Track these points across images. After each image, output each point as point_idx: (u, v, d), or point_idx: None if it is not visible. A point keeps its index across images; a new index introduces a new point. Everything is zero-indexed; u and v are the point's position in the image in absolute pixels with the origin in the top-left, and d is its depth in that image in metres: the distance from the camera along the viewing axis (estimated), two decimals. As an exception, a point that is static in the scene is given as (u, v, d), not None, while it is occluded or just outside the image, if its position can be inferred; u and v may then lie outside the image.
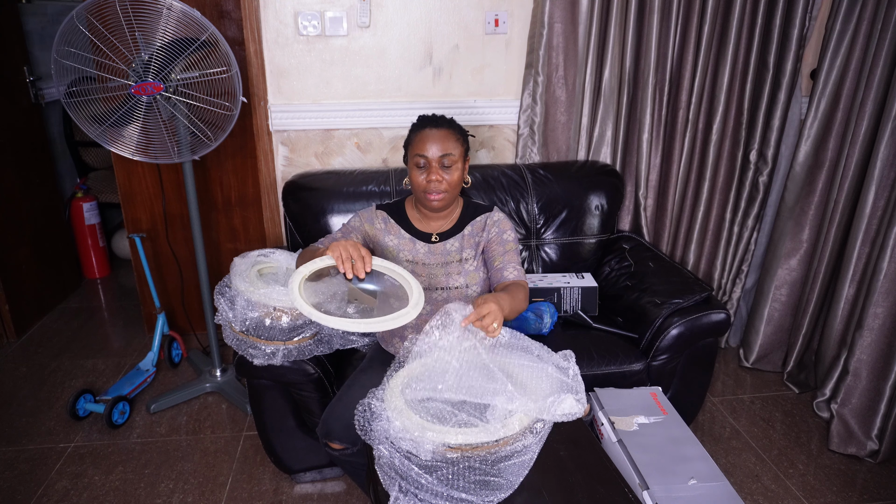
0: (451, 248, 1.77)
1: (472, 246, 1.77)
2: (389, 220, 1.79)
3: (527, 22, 2.42)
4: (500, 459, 1.16)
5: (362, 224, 1.78)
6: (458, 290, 1.74)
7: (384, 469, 1.23)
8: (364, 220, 1.79)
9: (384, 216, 1.80)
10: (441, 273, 1.74)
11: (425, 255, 1.76)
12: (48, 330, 3.05)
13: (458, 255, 1.76)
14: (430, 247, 1.76)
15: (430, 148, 1.65)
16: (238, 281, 1.78)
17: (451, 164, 1.67)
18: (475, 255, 1.76)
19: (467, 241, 1.77)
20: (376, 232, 1.78)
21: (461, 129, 1.75)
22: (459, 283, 1.73)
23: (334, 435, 1.65)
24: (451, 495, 1.17)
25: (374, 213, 1.80)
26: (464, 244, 1.77)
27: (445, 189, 1.67)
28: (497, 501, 1.21)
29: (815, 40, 2.51)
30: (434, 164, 1.66)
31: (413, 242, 1.76)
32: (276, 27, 2.33)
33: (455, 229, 1.79)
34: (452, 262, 1.75)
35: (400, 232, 1.77)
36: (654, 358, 2.04)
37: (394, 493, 1.21)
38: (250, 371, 1.84)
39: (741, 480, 2.10)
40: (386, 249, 1.75)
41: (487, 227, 1.77)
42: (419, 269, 1.74)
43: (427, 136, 1.67)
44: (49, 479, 2.08)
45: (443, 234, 1.78)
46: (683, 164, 2.56)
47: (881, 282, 2.12)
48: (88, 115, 2.00)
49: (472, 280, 1.74)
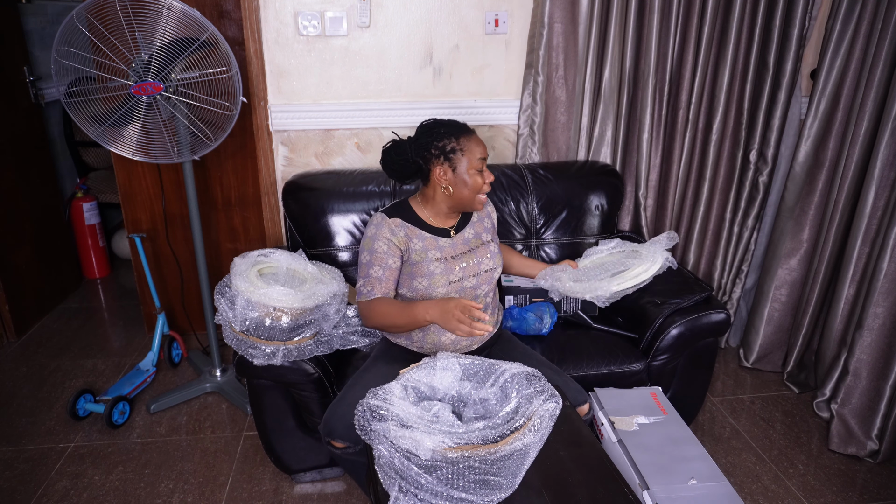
0: (469, 236, 1.82)
1: (485, 230, 1.86)
2: (407, 224, 1.75)
3: (527, 22, 2.42)
4: (500, 459, 1.16)
5: (392, 244, 1.71)
6: (487, 273, 1.79)
7: (384, 469, 1.23)
8: (390, 237, 1.71)
9: (401, 222, 1.74)
10: (471, 260, 1.77)
11: (451, 248, 1.77)
12: (48, 330, 3.05)
13: (479, 239, 1.83)
14: (451, 240, 1.78)
15: (483, 150, 1.72)
16: (238, 281, 1.78)
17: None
18: (493, 238, 1.88)
19: (478, 226, 1.85)
20: (404, 241, 1.72)
21: None
22: (489, 266, 1.80)
23: (337, 433, 1.65)
24: (451, 495, 1.17)
25: (390, 223, 1.72)
26: (477, 230, 1.84)
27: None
28: (497, 501, 1.21)
29: (815, 40, 2.51)
30: (485, 167, 1.73)
31: (436, 240, 1.76)
32: (276, 27, 2.33)
33: (463, 220, 1.84)
34: (478, 248, 1.81)
35: (421, 233, 1.75)
36: (654, 358, 2.04)
37: (394, 494, 1.21)
38: (250, 371, 1.84)
39: (741, 480, 2.10)
40: (415, 253, 1.72)
41: (489, 212, 1.92)
42: (450, 263, 1.74)
43: (475, 140, 1.72)
44: (49, 479, 2.08)
45: (458, 226, 1.82)
46: (683, 164, 2.56)
47: (881, 282, 2.12)
48: (88, 115, 2.00)
49: (497, 262, 1.83)
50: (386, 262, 1.70)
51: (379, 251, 1.70)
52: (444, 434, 1.16)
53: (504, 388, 1.35)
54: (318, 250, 2.28)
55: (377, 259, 1.70)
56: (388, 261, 1.70)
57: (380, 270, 1.70)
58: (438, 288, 1.71)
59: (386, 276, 1.70)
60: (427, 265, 1.71)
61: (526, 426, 1.20)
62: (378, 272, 1.69)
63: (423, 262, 1.72)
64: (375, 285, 1.69)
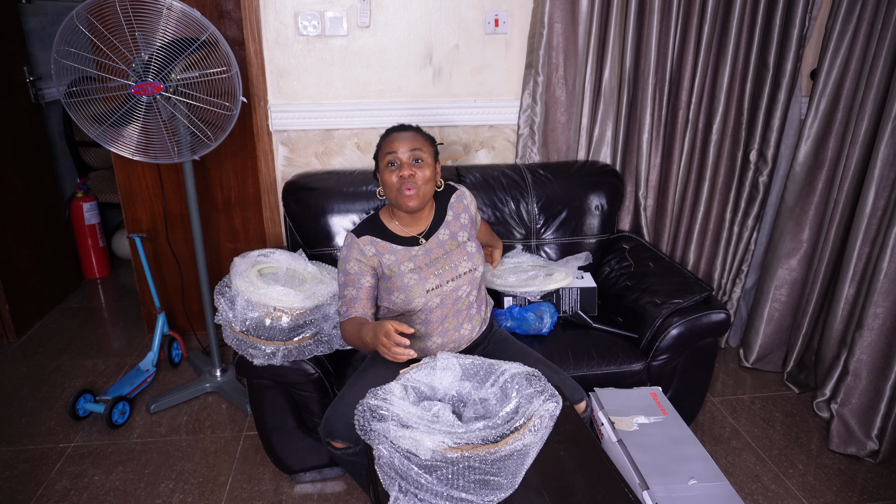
0: (443, 237, 1.79)
1: (462, 227, 1.82)
2: (376, 240, 1.75)
3: (527, 22, 2.42)
4: (500, 459, 1.16)
5: (362, 263, 1.73)
6: (468, 275, 1.77)
7: (384, 469, 1.23)
8: (359, 257, 1.73)
9: (370, 239, 1.74)
10: (447, 264, 1.75)
11: (424, 255, 1.75)
12: (48, 330, 3.05)
13: (454, 240, 1.79)
14: (424, 247, 1.77)
15: (401, 146, 1.68)
16: (238, 281, 1.78)
17: (422, 162, 1.69)
18: (470, 236, 1.83)
19: (454, 224, 1.82)
20: (374, 259, 1.73)
21: (429, 135, 1.78)
22: (467, 267, 1.77)
23: (337, 434, 1.65)
24: (451, 495, 1.17)
25: (359, 242, 1.74)
26: (453, 229, 1.81)
27: (418, 184, 1.68)
28: (497, 501, 1.21)
29: (815, 40, 2.51)
30: (405, 161, 1.68)
31: (408, 250, 1.75)
32: (276, 27, 2.33)
33: (436, 222, 1.81)
34: (453, 250, 1.78)
35: (392, 247, 1.75)
36: (654, 358, 2.04)
37: (394, 494, 1.21)
38: (250, 371, 1.84)
39: (741, 480, 2.10)
40: (387, 268, 1.73)
41: (466, 206, 1.85)
42: (424, 272, 1.73)
43: (396, 137, 1.71)
44: (49, 479, 2.08)
45: (427, 232, 1.79)
46: (683, 164, 2.56)
47: (881, 282, 2.12)
48: (88, 115, 2.00)
49: (477, 261, 1.80)
50: (359, 281, 1.73)
51: (351, 272, 1.73)
52: (444, 434, 1.16)
53: (504, 387, 1.35)
54: (318, 250, 2.28)
55: (350, 280, 1.73)
56: (360, 280, 1.73)
57: (353, 290, 1.72)
58: (416, 299, 1.71)
59: (361, 296, 1.72)
60: (401, 278, 1.72)
61: (526, 426, 1.20)
62: (352, 292, 1.72)
63: (396, 276, 1.72)
64: (350, 305, 1.72)
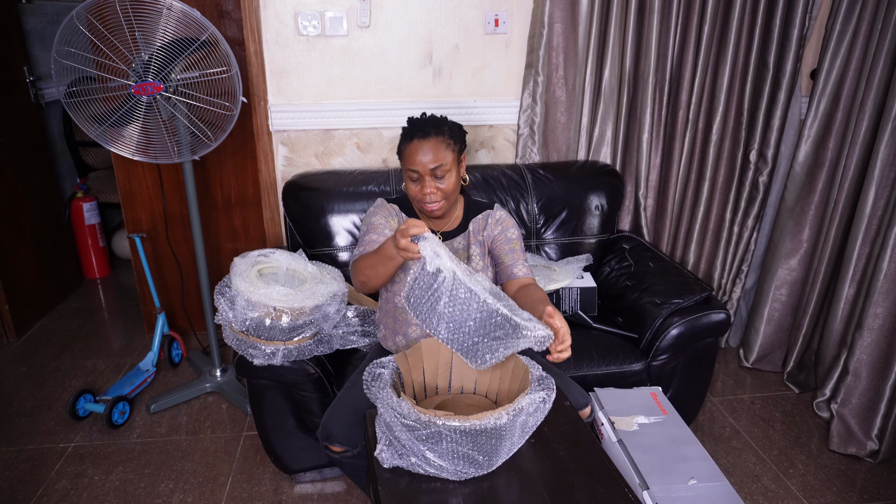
0: (458, 245, 1.75)
1: (476, 243, 1.75)
2: (402, 214, 1.76)
3: (527, 22, 2.42)
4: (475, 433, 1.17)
5: (389, 218, 1.73)
6: None
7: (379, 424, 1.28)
8: (387, 216, 1.73)
9: (397, 210, 1.76)
10: None
11: None
12: (48, 330, 3.04)
13: (465, 252, 1.75)
14: None
15: (421, 161, 1.60)
16: (238, 281, 1.78)
17: (444, 174, 1.62)
18: (482, 254, 1.75)
19: (472, 237, 1.75)
20: (397, 223, 1.73)
21: (452, 129, 1.67)
22: None
23: (334, 437, 1.65)
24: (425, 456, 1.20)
25: (389, 207, 1.76)
26: (469, 241, 1.75)
27: (441, 199, 1.65)
28: (469, 477, 1.23)
29: (815, 40, 2.51)
30: (427, 176, 1.62)
31: None
32: (276, 27, 2.33)
33: (459, 228, 1.77)
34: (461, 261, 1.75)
35: None
36: (654, 358, 2.04)
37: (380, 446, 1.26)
38: (250, 371, 1.84)
39: (741, 480, 2.10)
40: None
41: (490, 225, 1.75)
42: None
43: (416, 148, 1.61)
44: (49, 479, 2.08)
45: (447, 232, 1.77)
46: (683, 164, 2.56)
47: (881, 282, 2.12)
48: (88, 115, 2.00)
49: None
50: (383, 231, 1.68)
51: (376, 223, 1.70)
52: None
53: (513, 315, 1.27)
54: (318, 250, 2.28)
55: (373, 228, 1.69)
56: (383, 230, 1.69)
57: (374, 236, 1.67)
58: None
59: (380, 241, 1.66)
60: None
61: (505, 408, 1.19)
62: (373, 237, 1.67)
63: None
64: (368, 247, 1.65)
